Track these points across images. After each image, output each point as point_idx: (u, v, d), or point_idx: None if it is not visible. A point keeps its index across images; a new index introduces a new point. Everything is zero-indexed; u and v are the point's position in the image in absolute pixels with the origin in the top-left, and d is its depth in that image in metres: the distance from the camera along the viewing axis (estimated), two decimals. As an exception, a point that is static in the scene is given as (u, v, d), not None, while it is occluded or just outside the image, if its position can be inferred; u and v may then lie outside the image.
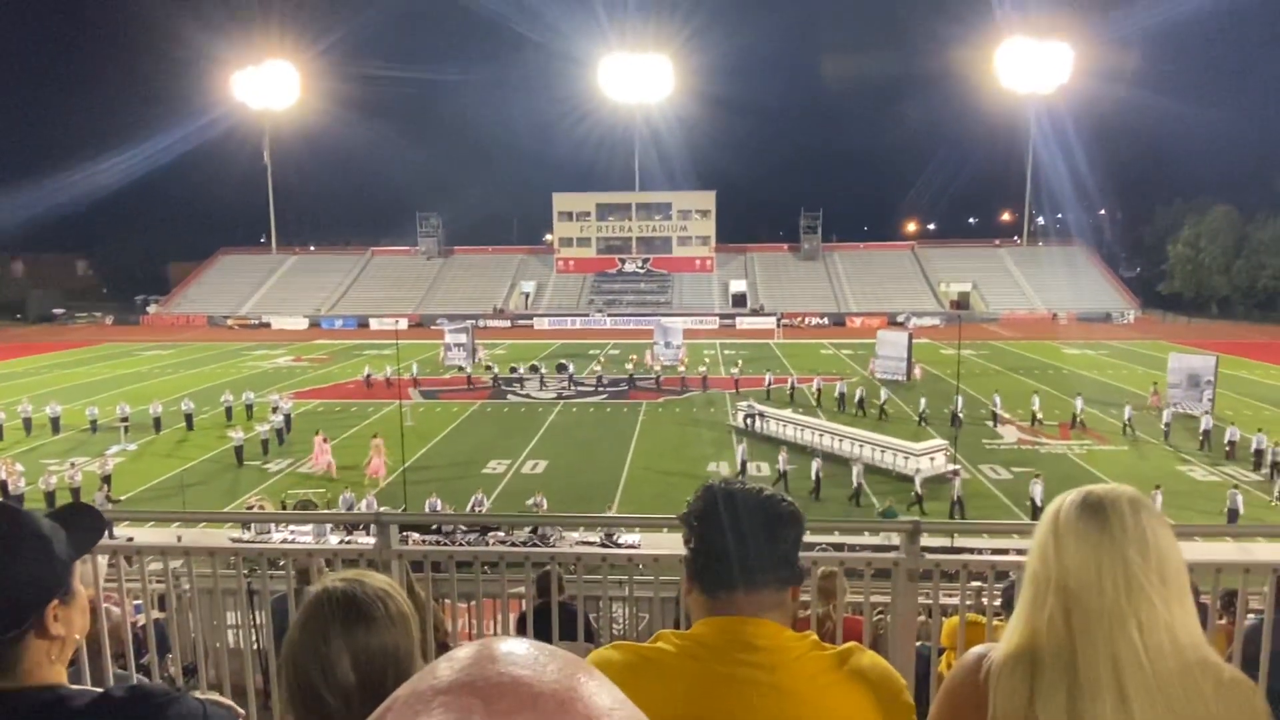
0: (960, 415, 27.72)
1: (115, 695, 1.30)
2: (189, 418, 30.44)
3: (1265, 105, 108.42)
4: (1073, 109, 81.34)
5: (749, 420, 29.10)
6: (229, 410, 31.52)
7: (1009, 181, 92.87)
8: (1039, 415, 29.88)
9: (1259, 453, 24.39)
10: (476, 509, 20.00)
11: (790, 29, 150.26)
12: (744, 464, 24.18)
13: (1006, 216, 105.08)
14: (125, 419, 29.73)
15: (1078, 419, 29.69)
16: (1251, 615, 3.88)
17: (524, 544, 14.13)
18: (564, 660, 0.49)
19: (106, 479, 22.63)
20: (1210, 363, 31.64)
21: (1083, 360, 45.97)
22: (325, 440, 25.33)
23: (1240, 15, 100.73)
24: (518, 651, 0.48)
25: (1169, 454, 26.46)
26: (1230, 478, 23.39)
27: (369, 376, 39.90)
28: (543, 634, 4.01)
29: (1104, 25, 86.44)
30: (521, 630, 4.61)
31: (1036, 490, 19.50)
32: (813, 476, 22.32)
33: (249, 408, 32.12)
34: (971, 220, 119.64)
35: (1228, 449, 25.79)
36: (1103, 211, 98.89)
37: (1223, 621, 4.49)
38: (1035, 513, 17.57)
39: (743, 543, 1.40)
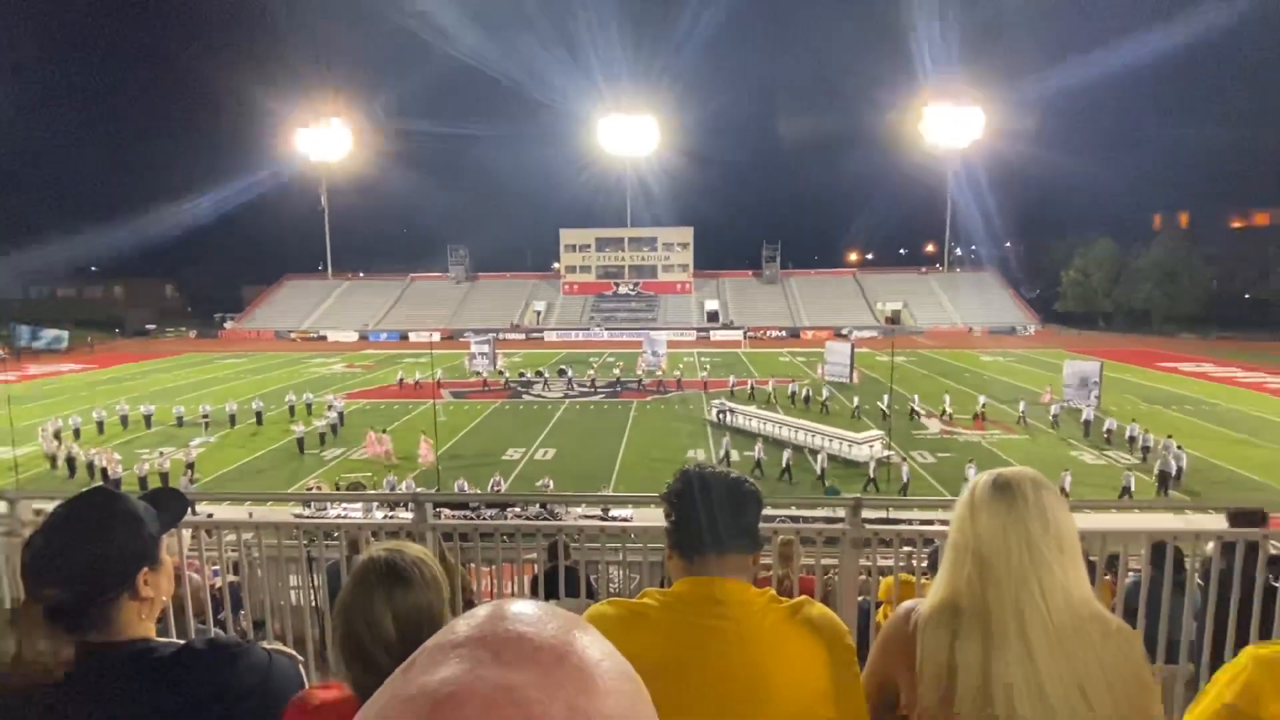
0: (886, 411, 27.82)
1: (195, 646, 1.29)
2: (259, 415, 30.24)
3: (1140, 158, 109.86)
4: (984, 160, 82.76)
5: (721, 415, 29.03)
6: (292, 408, 31.32)
7: (932, 219, 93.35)
8: (949, 410, 30.05)
9: (1132, 439, 24.70)
10: (496, 489, 19.96)
11: (755, 95, 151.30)
12: (728, 454, 23.82)
13: (930, 248, 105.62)
14: (206, 416, 29.54)
15: (979, 413, 29.82)
16: (1131, 573, 3.90)
17: (536, 518, 14.09)
18: (564, 619, 0.48)
19: (190, 465, 22.46)
20: (1096, 367, 31.86)
21: (993, 365, 46.19)
22: (385, 432, 25.18)
23: (1121, 85, 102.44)
24: (524, 611, 0.48)
25: (1061, 441, 26.61)
26: (1114, 461, 23.56)
27: (401, 380, 39.95)
28: (552, 592, 3.99)
29: (1011, 92, 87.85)
30: (535, 589, 4.60)
31: (971, 472, 19.35)
32: (784, 463, 22.32)
33: (309, 406, 31.92)
34: (902, 251, 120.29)
35: (1106, 436, 26.10)
36: (1009, 244, 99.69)
37: (1108, 578, 4.50)
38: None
39: (713, 517, 1.40)
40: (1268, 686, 1.14)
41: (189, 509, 1.53)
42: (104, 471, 21.72)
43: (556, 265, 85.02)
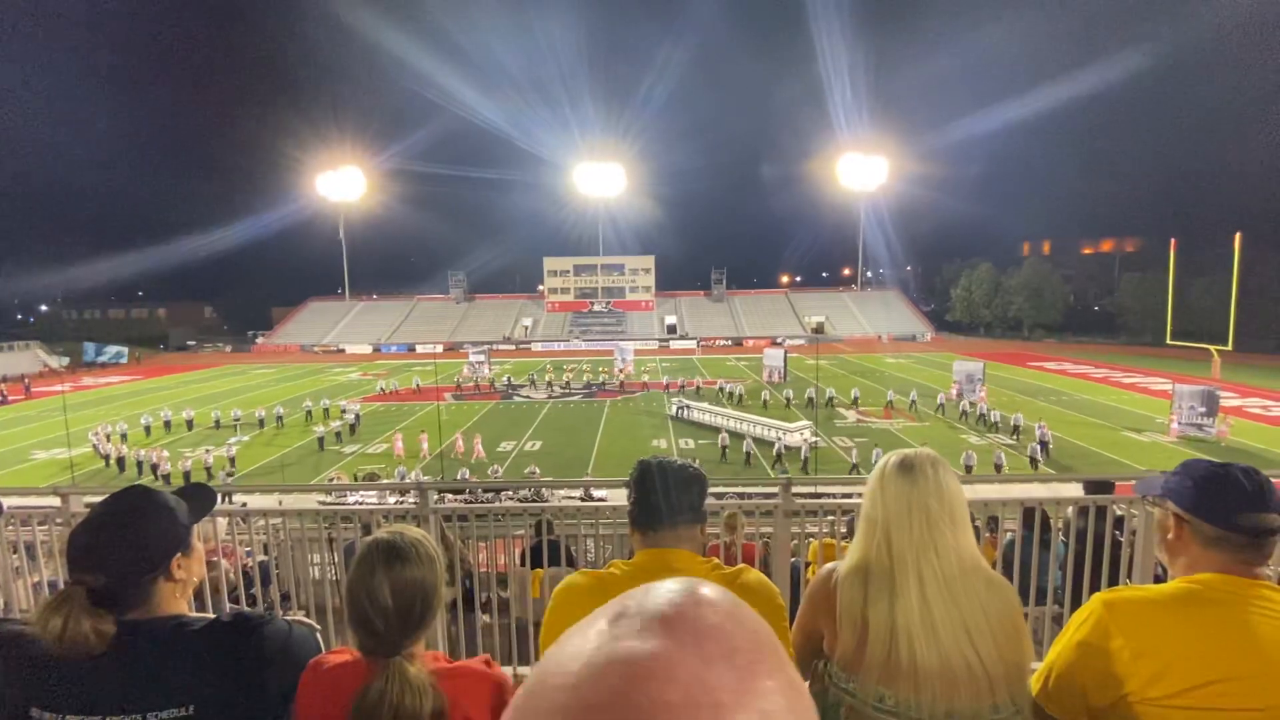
0: (792, 401, 28.17)
1: (223, 619, 1.25)
2: (278, 418, 29.33)
3: (1012, 198, 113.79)
4: (888, 200, 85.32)
5: (681, 410, 28.90)
6: (309, 412, 30.29)
7: (848, 248, 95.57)
8: (915, 400, 30.61)
9: (983, 416, 26.44)
10: (492, 476, 19.70)
11: (705, 147, 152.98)
12: (725, 448, 22.68)
13: (847, 271, 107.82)
14: (238, 419, 28.62)
15: (856, 402, 30.14)
16: (1008, 533, 3.99)
17: (525, 500, 13.91)
18: (754, 623, 0.39)
19: (231, 460, 21.73)
20: (980, 366, 32.60)
21: (897, 366, 47.07)
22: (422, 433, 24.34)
23: (996, 140, 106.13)
24: (721, 603, 0.39)
25: (951, 426, 27.12)
26: (994, 442, 24.03)
27: (381, 389, 38.54)
28: (537, 563, 3.93)
29: (909, 146, 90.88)
30: (524, 562, 4.50)
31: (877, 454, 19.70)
32: (744, 450, 22.31)
33: (325, 410, 31.04)
34: (824, 274, 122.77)
35: (974, 416, 27.08)
36: (909, 267, 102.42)
37: (990, 535, 4.60)
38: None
39: (666, 496, 1.39)
40: (1112, 625, 1.18)
41: (216, 501, 1.48)
42: (154, 467, 20.84)
43: (541, 287, 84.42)
